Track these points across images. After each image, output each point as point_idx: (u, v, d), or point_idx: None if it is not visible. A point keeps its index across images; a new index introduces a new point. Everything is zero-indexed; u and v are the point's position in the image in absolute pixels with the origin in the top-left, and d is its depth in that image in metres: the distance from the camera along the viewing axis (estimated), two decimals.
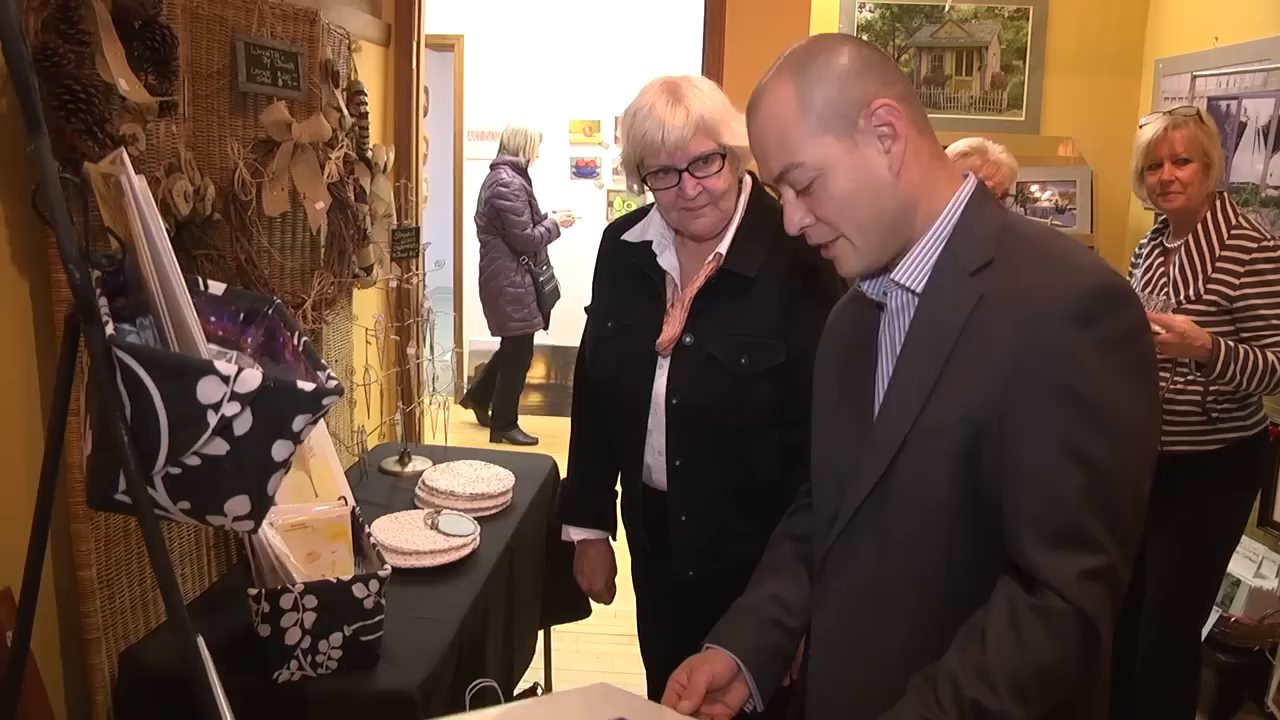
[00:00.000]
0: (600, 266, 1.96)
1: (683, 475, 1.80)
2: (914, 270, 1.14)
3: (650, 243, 1.83)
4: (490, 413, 5.74)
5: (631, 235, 1.86)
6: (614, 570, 2.09)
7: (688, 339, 1.75)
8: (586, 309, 1.98)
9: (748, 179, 1.82)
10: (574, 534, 2.06)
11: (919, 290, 1.14)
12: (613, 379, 1.88)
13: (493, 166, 5.34)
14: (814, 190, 1.13)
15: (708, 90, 1.71)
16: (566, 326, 5.64)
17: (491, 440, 5.54)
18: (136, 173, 1.10)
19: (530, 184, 5.38)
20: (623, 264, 1.88)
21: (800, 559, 1.35)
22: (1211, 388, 2.32)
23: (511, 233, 5.25)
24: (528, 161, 5.36)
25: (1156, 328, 2.21)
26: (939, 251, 1.13)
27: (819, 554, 1.24)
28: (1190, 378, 2.35)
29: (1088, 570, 1.01)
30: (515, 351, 5.59)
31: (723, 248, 1.74)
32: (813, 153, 1.11)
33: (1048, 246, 1.10)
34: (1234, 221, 2.35)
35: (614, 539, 2.07)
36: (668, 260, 1.81)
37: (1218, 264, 2.32)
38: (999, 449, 1.05)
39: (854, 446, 1.18)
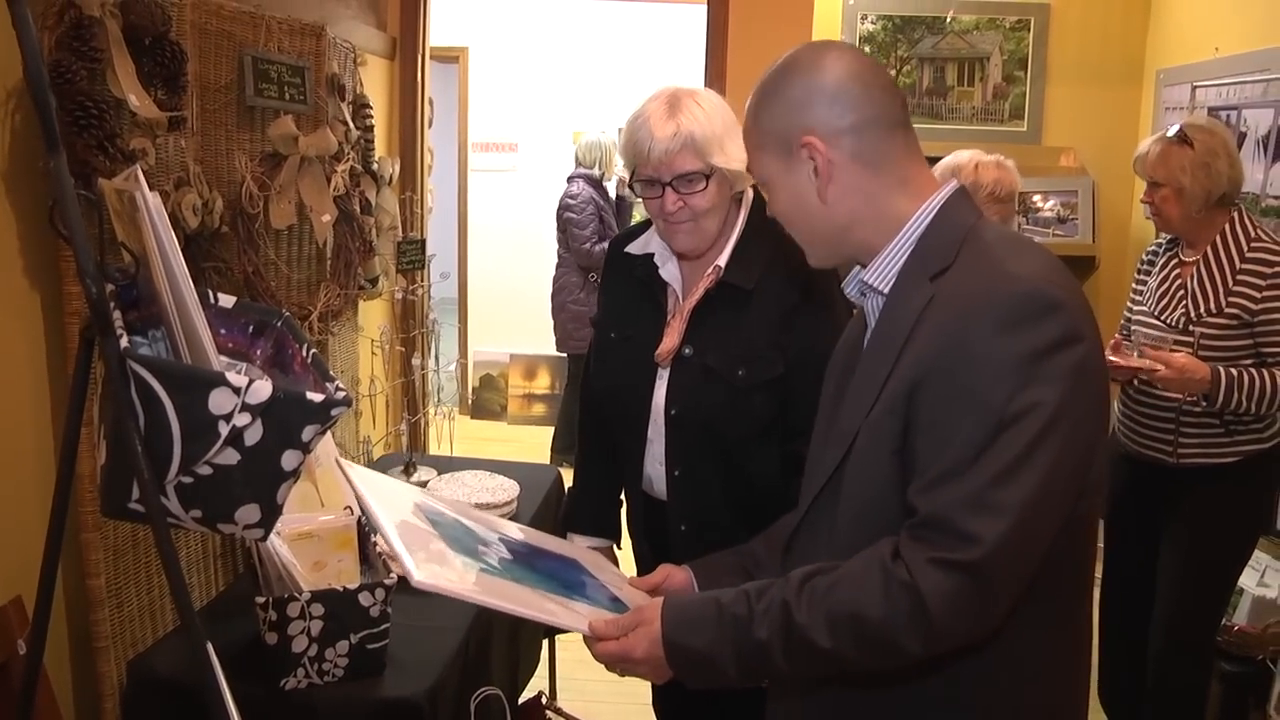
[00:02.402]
0: (605, 278, 1.98)
1: (682, 485, 1.81)
2: (882, 273, 1.18)
3: (652, 255, 1.85)
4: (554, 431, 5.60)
5: (634, 247, 1.88)
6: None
7: (687, 350, 1.77)
8: (592, 320, 2.00)
9: (749, 192, 1.83)
10: (577, 542, 2.07)
11: (887, 292, 1.17)
12: (614, 389, 1.90)
13: (568, 179, 5.25)
14: (768, 194, 1.24)
15: (709, 108, 1.71)
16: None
17: (551, 461, 5.41)
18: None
19: (605, 198, 5.22)
20: (626, 275, 1.89)
21: None
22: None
23: (574, 246, 5.15)
24: (603, 175, 5.22)
25: (1156, 365, 2.24)
26: (906, 255, 1.16)
27: (786, 538, 1.30)
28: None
29: (939, 559, 1.02)
30: (576, 370, 5.51)
31: (722, 260, 1.76)
32: (755, 163, 1.23)
33: (999, 251, 1.12)
34: (1253, 235, 2.34)
35: (619, 547, 2.08)
36: (669, 272, 1.83)
37: (1239, 277, 2.31)
38: (912, 442, 1.08)
39: (826, 441, 1.23)
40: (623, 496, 2.04)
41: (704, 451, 1.78)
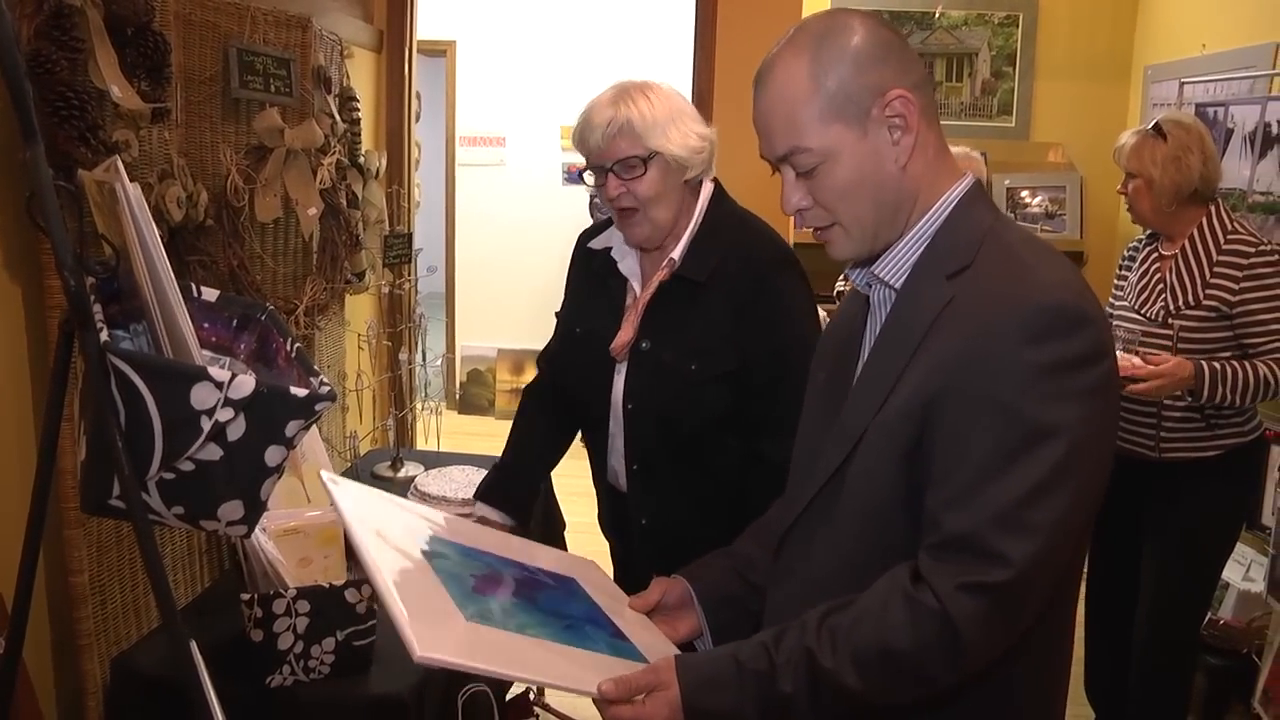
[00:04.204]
0: (570, 273, 1.99)
1: (641, 478, 1.82)
2: (895, 266, 1.14)
3: (611, 249, 1.85)
4: None
5: (596, 243, 1.89)
6: None
7: (644, 344, 1.77)
8: (557, 314, 2.00)
9: (708, 185, 1.82)
10: (480, 509, 2.01)
11: (898, 287, 1.14)
12: (576, 383, 1.90)
13: None
14: (816, 175, 1.10)
15: (657, 99, 1.72)
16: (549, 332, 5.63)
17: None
18: (130, 179, 1.11)
19: None
20: (588, 270, 1.91)
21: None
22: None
23: None
24: None
25: (1139, 366, 2.27)
26: (921, 250, 1.13)
27: (779, 533, 1.25)
28: None
29: (969, 583, 0.99)
30: None
31: (676, 253, 1.75)
32: (821, 138, 1.08)
33: (1023, 257, 1.08)
34: (1230, 227, 2.37)
35: (524, 527, 2.02)
36: (628, 267, 1.83)
37: (1215, 269, 2.33)
38: (929, 451, 1.05)
39: (823, 434, 1.18)
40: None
41: (661, 445, 1.78)
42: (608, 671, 1.14)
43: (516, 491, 2.02)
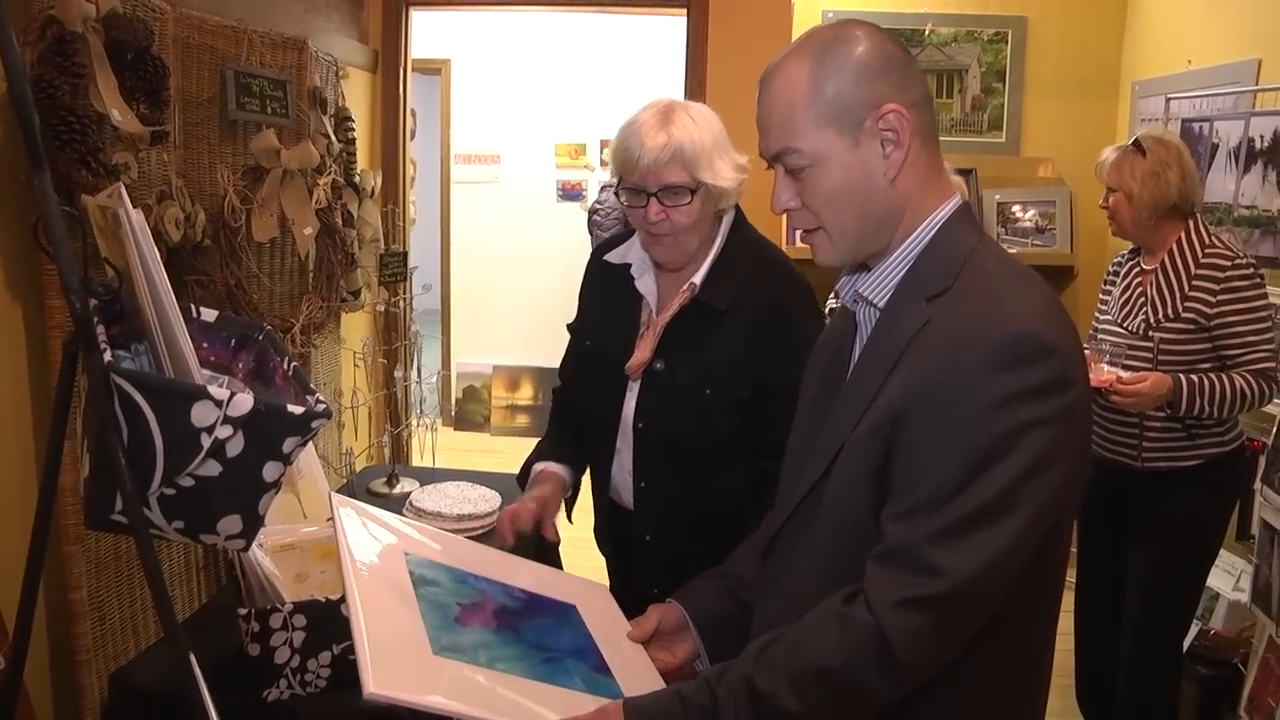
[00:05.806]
0: (585, 285, 1.99)
1: (647, 496, 1.83)
2: (879, 286, 1.16)
3: (630, 265, 1.86)
4: None
5: (613, 257, 1.89)
6: (553, 509, 1.88)
7: (658, 365, 1.78)
8: (570, 327, 2.01)
9: (731, 211, 1.84)
10: (546, 468, 1.93)
11: (881, 306, 1.16)
12: (585, 397, 1.91)
13: (601, 188, 5.37)
14: (806, 178, 1.13)
15: (701, 122, 1.71)
16: (552, 348, 5.66)
17: None
18: (130, 203, 1.14)
19: None
20: (605, 285, 1.91)
21: None
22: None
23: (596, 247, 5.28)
24: None
25: (1120, 378, 2.32)
26: (904, 271, 1.15)
27: (764, 544, 1.28)
28: None
29: (906, 599, 1.01)
30: None
31: (697, 279, 1.76)
32: (812, 142, 1.11)
33: (998, 284, 1.10)
34: (1207, 241, 2.42)
35: (572, 493, 1.98)
36: (645, 285, 1.83)
37: (1194, 283, 2.38)
38: (891, 469, 1.07)
39: (808, 448, 1.21)
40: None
41: (670, 465, 1.80)
42: (569, 709, 1.16)
43: (571, 457, 1.95)
